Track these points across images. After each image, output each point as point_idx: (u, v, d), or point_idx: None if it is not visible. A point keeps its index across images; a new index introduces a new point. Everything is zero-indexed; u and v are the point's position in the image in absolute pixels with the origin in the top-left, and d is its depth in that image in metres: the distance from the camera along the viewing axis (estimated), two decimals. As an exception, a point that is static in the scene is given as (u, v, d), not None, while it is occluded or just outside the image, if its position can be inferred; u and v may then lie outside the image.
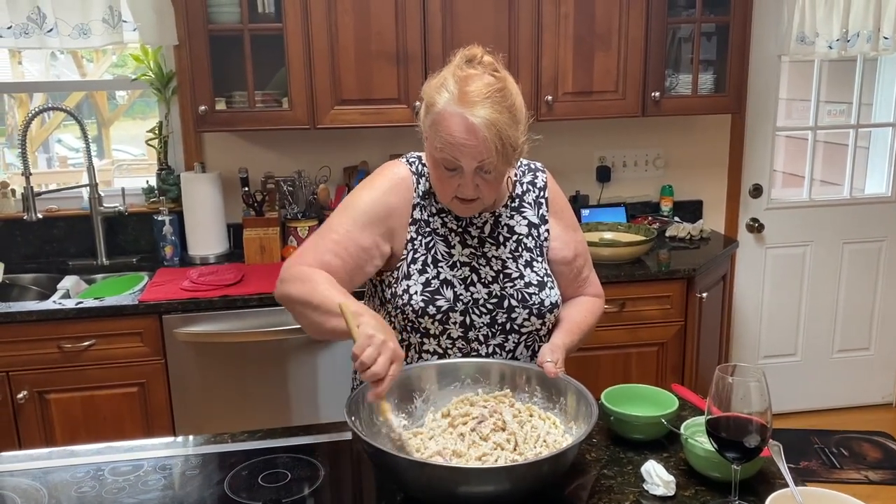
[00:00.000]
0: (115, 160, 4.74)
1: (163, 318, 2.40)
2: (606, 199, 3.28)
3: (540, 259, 1.53)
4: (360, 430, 1.19)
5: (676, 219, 3.26)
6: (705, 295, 2.78)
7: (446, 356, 1.47)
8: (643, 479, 1.27)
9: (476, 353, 1.47)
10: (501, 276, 1.49)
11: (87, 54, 4.18)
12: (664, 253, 2.91)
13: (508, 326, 1.48)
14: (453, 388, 1.41)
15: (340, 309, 1.25)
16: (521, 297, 1.48)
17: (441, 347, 1.47)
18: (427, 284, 1.45)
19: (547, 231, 1.55)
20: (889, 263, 3.61)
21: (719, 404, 1.14)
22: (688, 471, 1.31)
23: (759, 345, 3.61)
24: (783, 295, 3.56)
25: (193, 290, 2.45)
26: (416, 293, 1.44)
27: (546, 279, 1.51)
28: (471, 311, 1.46)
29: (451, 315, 1.44)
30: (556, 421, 1.33)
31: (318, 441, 1.45)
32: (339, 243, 1.43)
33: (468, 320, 1.46)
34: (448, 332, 1.45)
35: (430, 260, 1.47)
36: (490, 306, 1.47)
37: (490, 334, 1.47)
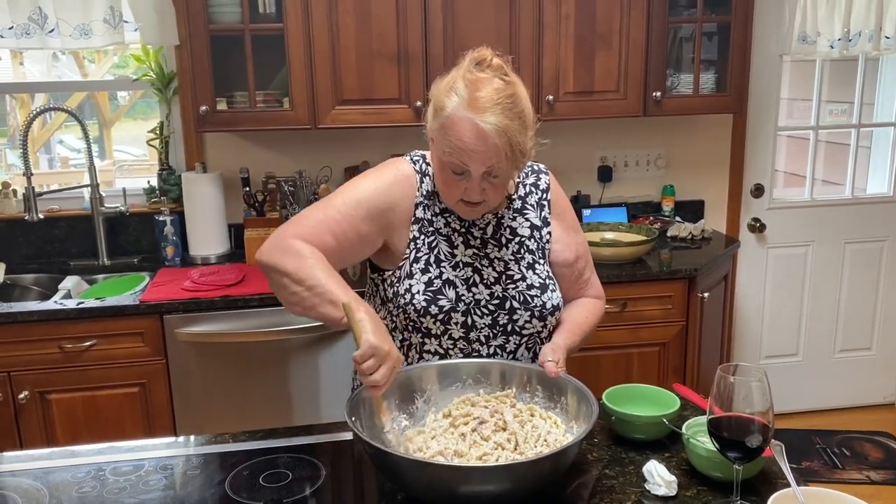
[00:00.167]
0: (117, 161, 4.74)
1: (164, 318, 2.40)
2: (608, 198, 3.28)
3: (542, 261, 1.53)
4: (361, 431, 1.19)
5: (678, 219, 3.26)
6: (707, 295, 2.77)
7: (447, 357, 1.46)
8: (645, 479, 1.27)
9: (477, 353, 1.47)
10: (504, 278, 1.48)
11: (89, 55, 4.18)
12: (665, 253, 2.90)
13: (510, 328, 1.48)
14: (454, 389, 1.41)
15: (344, 309, 1.26)
16: (522, 299, 1.48)
17: (442, 348, 1.47)
18: (429, 284, 1.45)
19: (549, 233, 1.55)
20: (891, 263, 3.60)
21: (721, 404, 1.14)
22: (689, 471, 1.31)
23: (760, 345, 3.60)
24: (785, 295, 3.55)
25: (194, 291, 2.46)
26: (418, 293, 1.44)
27: (548, 281, 1.51)
28: (472, 312, 1.45)
29: (452, 315, 1.44)
30: (557, 420, 1.33)
31: (320, 441, 1.46)
32: (340, 224, 1.42)
33: (470, 321, 1.45)
34: (449, 332, 1.45)
35: (432, 259, 1.46)
36: (492, 307, 1.46)
37: (491, 335, 1.47)
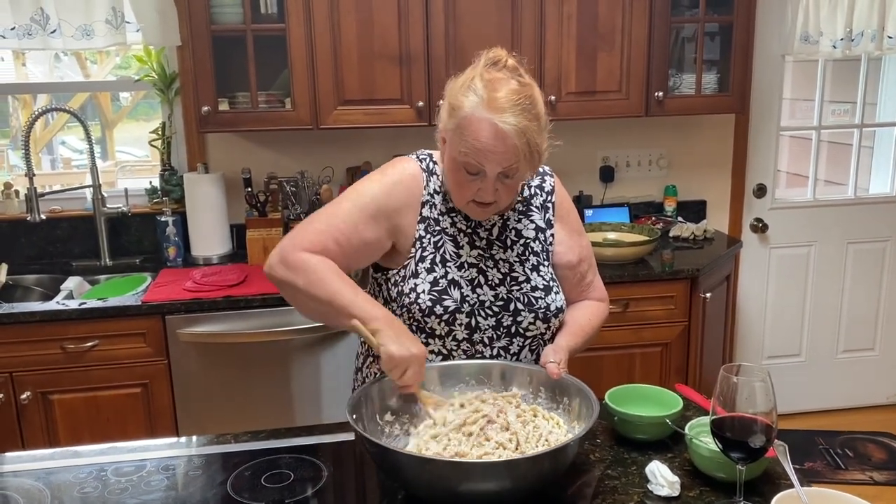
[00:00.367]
0: (119, 161, 4.74)
1: (166, 318, 2.40)
2: (610, 199, 3.27)
3: (546, 263, 1.52)
4: (362, 430, 1.19)
5: (680, 219, 3.25)
6: (709, 295, 2.77)
7: (451, 358, 1.46)
8: (647, 480, 1.26)
9: (480, 355, 1.47)
10: (508, 280, 1.48)
11: (91, 56, 4.18)
12: (668, 253, 2.90)
13: (513, 330, 1.47)
14: (457, 390, 1.41)
15: (355, 330, 1.33)
16: (527, 300, 1.47)
17: (446, 349, 1.46)
18: (435, 284, 1.44)
19: (552, 235, 1.55)
20: (894, 263, 3.59)
21: (724, 404, 1.14)
22: (692, 471, 1.30)
23: (763, 345, 3.60)
24: (787, 295, 3.55)
25: (196, 291, 2.46)
26: (423, 292, 1.44)
27: (552, 284, 1.51)
28: (477, 313, 1.45)
29: (457, 316, 1.44)
30: (559, 421, 1.33)
31: (321, 441, 1.45)
32: (343, 232, 1.42)
33: (474, 322, 1.45)
34: (454, 333, 1.45)
35: (438, 259, 1.46)
36: (496, 309, 1.46)
37: (495, 337, 1.47)
